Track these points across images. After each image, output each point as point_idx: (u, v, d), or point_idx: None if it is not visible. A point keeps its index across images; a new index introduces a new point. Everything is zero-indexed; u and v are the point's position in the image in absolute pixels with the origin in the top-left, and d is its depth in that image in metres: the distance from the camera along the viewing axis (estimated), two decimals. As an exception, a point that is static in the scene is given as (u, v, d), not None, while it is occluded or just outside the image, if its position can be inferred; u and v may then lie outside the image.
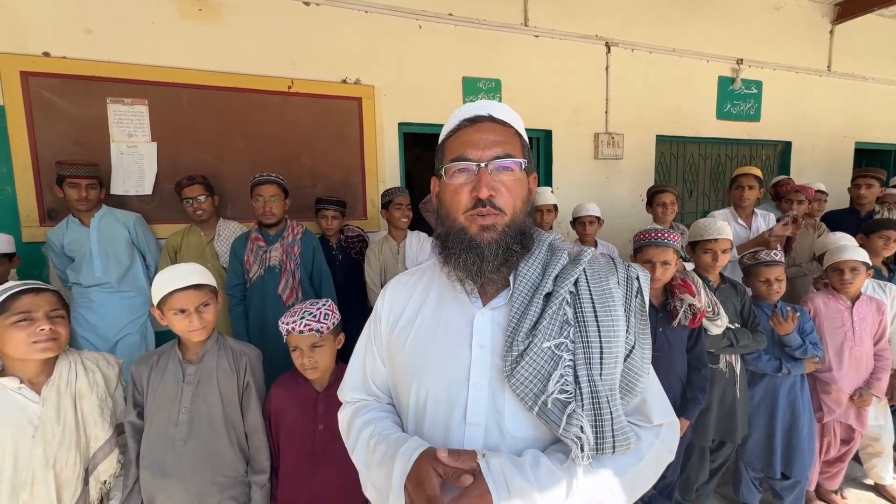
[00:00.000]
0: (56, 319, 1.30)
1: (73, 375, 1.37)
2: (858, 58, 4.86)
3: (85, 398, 1.38)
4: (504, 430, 0.74)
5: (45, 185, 2.50)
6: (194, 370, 1.47)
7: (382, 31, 3.12)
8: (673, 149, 4.33)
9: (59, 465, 1.30)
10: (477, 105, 0.83)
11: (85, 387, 1.38)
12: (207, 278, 1.47)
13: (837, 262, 2.15)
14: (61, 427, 1.31)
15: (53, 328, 1.28)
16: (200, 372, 1.47)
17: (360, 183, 3.20)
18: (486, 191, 0.75)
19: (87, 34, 2.53)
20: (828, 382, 2.16)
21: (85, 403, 1.38)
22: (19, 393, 1.29)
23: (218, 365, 1.50)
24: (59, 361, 1.37)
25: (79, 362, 1.41)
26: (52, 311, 1.29)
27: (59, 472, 1.30)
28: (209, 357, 1.50)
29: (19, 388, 1.29)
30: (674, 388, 1.83)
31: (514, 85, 3.49)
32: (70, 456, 1.32)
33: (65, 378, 1.35)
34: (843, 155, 4.98)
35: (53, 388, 1.33)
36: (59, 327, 1.30)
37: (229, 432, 1.49)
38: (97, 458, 1.39)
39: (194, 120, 2.77)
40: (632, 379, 0.76)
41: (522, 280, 0.78)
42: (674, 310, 1.79)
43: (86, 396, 1.38)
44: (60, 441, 1.30)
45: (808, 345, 2.03)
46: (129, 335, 2.42)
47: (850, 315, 2.17)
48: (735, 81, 4.31)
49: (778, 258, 2.09)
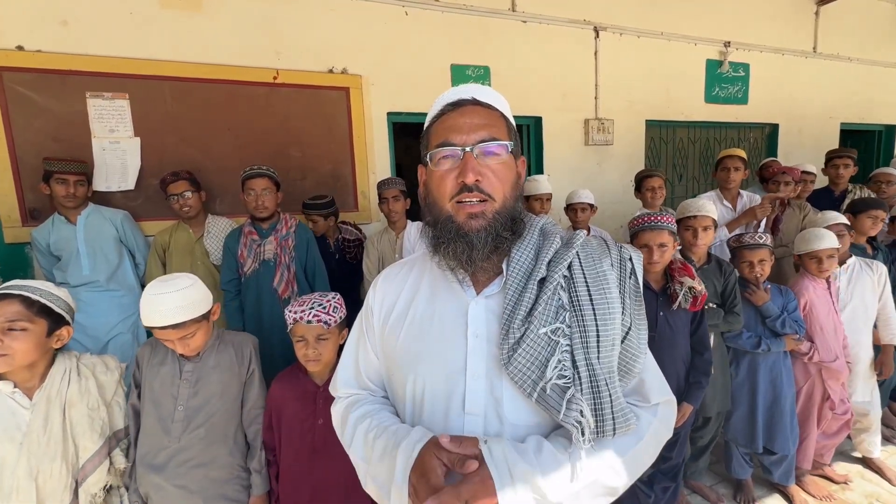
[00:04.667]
0: (14, 332, 1.19)
1: (65, 383, 1.32)
2: (843, 39, 4.89)
3: (74, 406, 1.32)
4: (503, 418, 0.74)
5: (25, 184, 2.43)
6: (192, 367, 1.46)
7: (368, 19, 3.06)
8: (663, 133, 4.34)
9: (42, 477, 1.25)
10: (460, 89, 0.81)
11: (75, 395, 1.33)
12: (192, 309, 1.35)
13: (815, 251, 2.18)
14: (47, 436, 1.26)
15: (2, 342, 1.17)
16: (199, 370, 1.46)
17: (350, 175, 3.16)
18: (472, 176, 0.73)
19: (62, 26, 2.44)
20: (839, 370, 2.18)
21: (74, 412, 1.32)
22: (12, 398, 1.25)
23: (218, 362, 1.49)
24: (55, 366, 1.32)
25: (74, 368, 1.36)
26: (8, 322, 1.18)
27: (42, 483, 1.25)
28: (208, 354, 1.49)
29: (12, 393, 1.26)
30: (678, 373, 1.85)
31: (503, 71, 3.46)
32: (55, 466, 1.27)
33: (56, 385, 1.30)
34: (829, 136, 5.03)
35: (44, 396, 1.28)
36: (13, 341, 1.18)
37: (227, 427, 1.48)
38: (86, 469, 1.34)
39: (178, 113, 2.70)
40: (629, 360, 0.76)
41: (515, 266, 0.77)
42: (674, 293, 1.79)
43: (75, 405, 1.33)
44: (45, 451, 1.26)
45: (787, 317, 2.08)
46: (121, 335, 2.38)
47: (830, 297, 2.23)
48: (723, 64, 4.32)
49: (762, 241, 2.11)
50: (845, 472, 2.40)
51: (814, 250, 2.18)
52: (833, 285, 2.26)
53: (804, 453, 2.26)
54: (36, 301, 1.24)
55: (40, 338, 1.25)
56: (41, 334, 1.25)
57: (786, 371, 2.14)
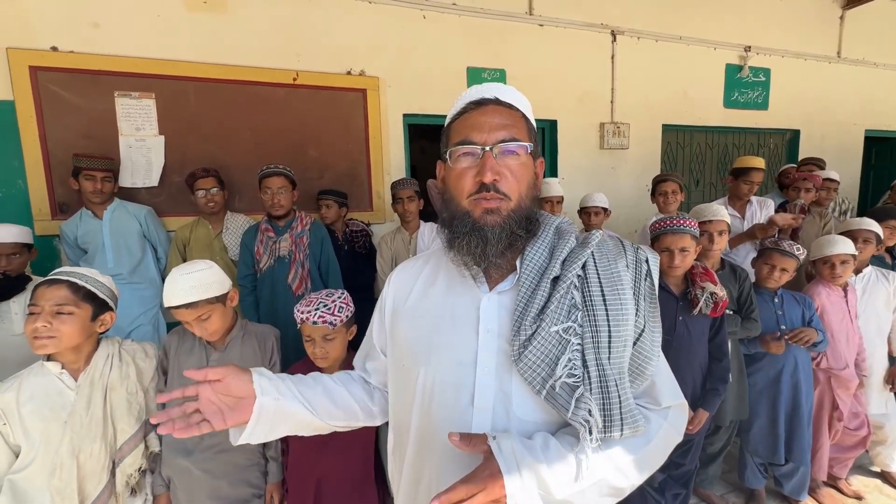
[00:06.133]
0: (62, 316, 1.25)
1: (107, 367, 1.38)
2: (869, 44, 4.78)
3: (115, 390, 1.38)
4: (511, 414, 0.74)
5: (55, 178, 2.53)
6: (218, 356, 1.52)
7: (387, 22, 3.11)
8: (679, 138, 4.29)
9: (83, 456, 1.31)
10: (483, 87, 0.81)
11: (116, 379, 1.39)
12: (205, 290, 1.40)
13: (829, 255, 2.13)
14: (89, 417, 1.32)
15: (51, 325, 1.23)
16: (225, 358, 1.51)
17: (365, 174, 3.21)
18: (490, 175, 0.74)
19: (94, 28, 2.54)
20: (848, 379, 2.14)
21: (114, 396, 1.38)
22: (60, 378, 1.31)
23: (242, 352, 1.54)
24: (99, 350, 1.38)
25: (116, 353, 1.42)
26: (57, 306, 1.25)
27: (83, 462, 1.31)
28: (234, 344, 1.55)
29: (61, 374, 1.31)
30: (695, 379, 1.82)
31: (519, 74, 3.47)
32: (95, 447, 1.32)
33: (99, 369, 1.36)
34: (853, 143, 4.92)
35: (88, 378, 1.34)
36: (61, 324, 1.24)
37: None
38: (123, 451, 1.40)
39: (201, 113, 2.79)
40: (642, 363, 0.76)
41: (529, 264, 0.77)
42: (694, 298, 1.76)
43: (116, 388, 1.39)
44: (87, 431, 1.31)
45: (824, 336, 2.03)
46: (142, 326, 2.46)
47: (846, 304, 2.18)
48: (743, 69, 4.25)
49: (797, 253, 2.06)
50: (861, 487, 2.34)
51: (827, 255, 2.14)
52: (850, 293, 2.21)
53: (818, 464, 2.21)
54: (82, 287, 1.30)
55: (85, 322, 1.31)
56: (86, 318, 1.31)
57: (805, 377, 2.08)
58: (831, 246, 2.13)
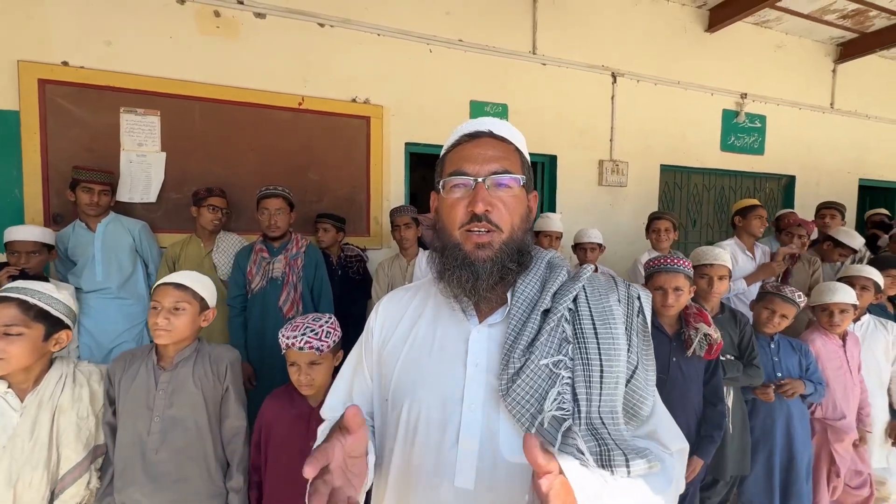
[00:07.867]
0: (10, 337, 1.18)
1: (59, 388, 1.30)
2: (861, 96, 4.93)
3: (65, 413, 1.30)
4: (498, 454, 0.71)
5: (52, 189, 2.53)
6: (168, 378, 1.43)
7: (393, 54, 3.19)
8: (677, 178, 4.35)
9: (21, 484, 1.21)
10: (478, 121, 0.82)
11: (68, 401, 1.30)
12: (198, 285, 1.45)
13: (827, 303, 2.11)
14: (32, 442, 1.23)
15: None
16: (175, 380, 1.43)
17: (364, 200, 3.22)
18: (481, 206, 0.74)
19: (106, 46, 2.59)
20: (845, 431, 2.08)
21: (63, 419, 1.29)
22: (4, 398, 1.24)
23: (194, 372, 1.45)
24: (52, 371, 1.31)
25: (70, 374, 1.34)
26: (4, 327, 1.18)
27: (20, 492, 1.21)
28: (184, 364, 1.45)
29: (5, 394, 1.24)
30: (689, 424, 1.76)
31: (520, 109, 3.55)
32: (36, 475, 1.23)
33: (50, 389, 1.28)
34: (847, 191, 4.99)
35: (36, 399, 1.26)
36: (9, 345, 1.18)
37: (204, 442, 1.44)
38: (66, 481, 1.29)
39: (205, 132, 2.82)
40: (636, 402, 0.73)
41: (520, 297, 0.76)
42: (688, 339, 1.73)
43: (66, 412, 1.30)
44: (28, 457, 1.22)
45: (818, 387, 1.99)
46: (125, 343, 2.40)
47: (843, 353, 2.14)
48: (739, 115, 4.36)
49: (799, 300, 2.04)
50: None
51: (825, 303, 2.12)
52: (851, 343, 2.18)
53: (818, 520, 2.12)
54: (33, 305, 1.23)
55: (36, 342, 1.24)
56: (37, 339, 1.24)
57: (801, 427, 2.02)
58: (831, 294, 2.11)
